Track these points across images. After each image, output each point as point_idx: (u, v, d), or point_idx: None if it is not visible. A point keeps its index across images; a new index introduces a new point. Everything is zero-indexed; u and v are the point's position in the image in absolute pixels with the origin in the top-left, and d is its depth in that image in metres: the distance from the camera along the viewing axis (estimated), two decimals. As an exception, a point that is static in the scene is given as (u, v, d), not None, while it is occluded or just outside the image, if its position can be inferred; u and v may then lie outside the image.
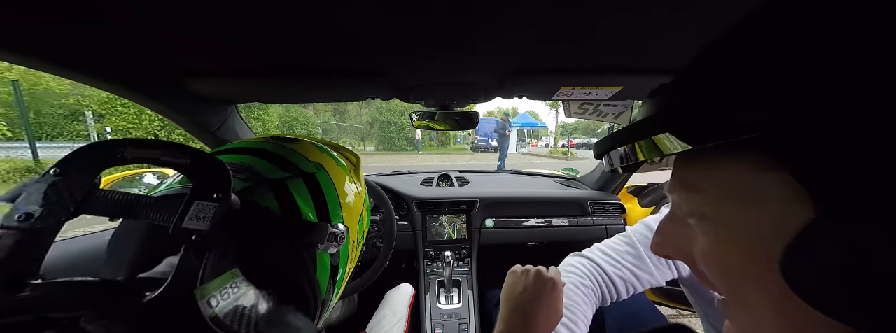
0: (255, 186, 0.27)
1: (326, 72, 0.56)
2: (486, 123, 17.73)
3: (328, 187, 0.31)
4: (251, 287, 0.22)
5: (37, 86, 8.17)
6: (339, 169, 0.35)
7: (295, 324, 0.24)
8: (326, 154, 0.35)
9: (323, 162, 0.33)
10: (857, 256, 0.13)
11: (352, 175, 0.37)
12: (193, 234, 0.20)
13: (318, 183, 0.31)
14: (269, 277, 0.24)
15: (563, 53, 0.49)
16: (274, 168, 0.29)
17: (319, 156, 0.34)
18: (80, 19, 0.36)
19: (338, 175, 0.34)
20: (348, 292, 0.79)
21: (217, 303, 0.20)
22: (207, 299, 0.20)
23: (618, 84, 0.64)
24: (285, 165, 0.30)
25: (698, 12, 0.35)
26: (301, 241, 0.27)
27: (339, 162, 0.36)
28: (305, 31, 0.40)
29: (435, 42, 0.43)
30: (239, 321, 0.20)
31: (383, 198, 0.89)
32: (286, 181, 0.29)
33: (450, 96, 0.76)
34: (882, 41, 0.12)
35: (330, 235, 0.28)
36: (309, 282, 0.27)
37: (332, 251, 0.30)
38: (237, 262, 0.22)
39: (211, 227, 0.21)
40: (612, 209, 1.29)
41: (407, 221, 1.20)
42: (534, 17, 0.37)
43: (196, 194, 0.21)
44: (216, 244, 0.21)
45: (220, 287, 0.20)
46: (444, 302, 1.08)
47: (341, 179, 0.34)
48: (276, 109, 10.43)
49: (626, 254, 0.56)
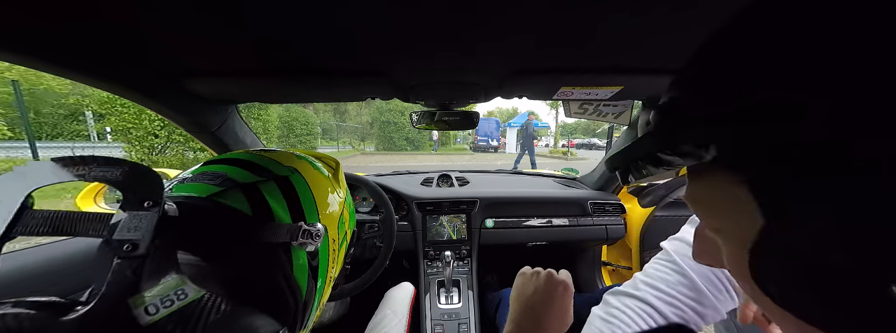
0: (226, 190, 0.27)
1: (326, 72, 0.56)
2: (486, 123, 17.75)
3: (303, 189, 0.32)
4: (205, 292, 0.22)
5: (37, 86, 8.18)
6: (316, 174, 0.35)
7: (254, 325, 0.24)
8: (303, 160, 0.36)
9: (299, 166, 0.34)
10: (799, 256, 0.14)
11: (331, 179, 0.38)
12: (126, 244, 0.20)
13: (292, 185, 0.31)
14: (238, 278, 0.25)
15: (564, 54, 0.49)
16: (247, 173, 0.30)
17: (296, 161, 0.35)
18: (80, 19, 0.36)
19: (314, 178, 0.35)
20: (348, 292, 0.79)
21: (156, 310, 0.20)
22: (144, 307, 0.20)
23: (618, 84, 0.64)
24: (259, 170, 0.31)
25: (698, 12, 0.36)
26: (272, 240, 0.27)
27: (317, 166, 0.37)
28: (304, 30, 0.40)
29: (435, 41, 0.43)
30: (184, 327, 0.20)
31: (383, 198, 0.89)
32: (259, 184, 0.29)
33: (450, 96, 0.76)
34: (807, 79, 0.13)
35: (304, 232, 0.28)
36: (285, 280, 0.28)
37: (309, 248, 0.30)
38: (197, 266, 0.22)
39: (143, 236, 0.21)
40: (612, 209, 1.29)
41: (407, 221, 1.20)
42: (534, 17, 0.37)
43: (126, 204, 0.22)
44: (153, 251, 0.21)
45: (162, 294, 0.20)
46: (444, 302, 1.08)
47: (318, 183, 0.35)
48: (276, 109, 10.43)
49: (681, 287, 0.42)
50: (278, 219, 0.28)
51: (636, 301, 0.43)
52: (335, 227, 0.36)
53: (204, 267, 0.23)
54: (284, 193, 0.30)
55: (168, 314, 0.20)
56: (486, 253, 1.24)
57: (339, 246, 0.37)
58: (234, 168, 0.30)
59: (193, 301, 0.21)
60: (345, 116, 23.46)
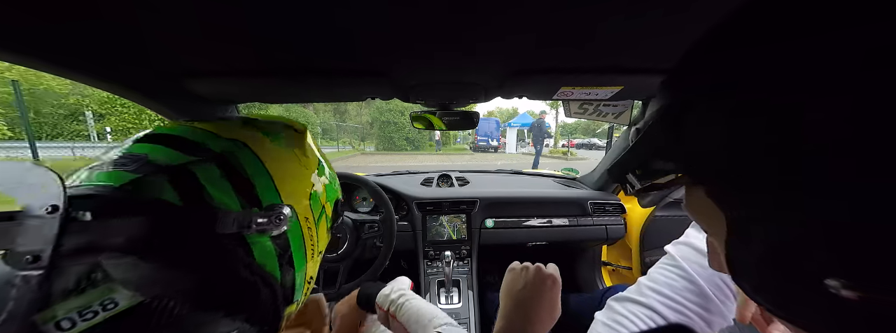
0: (145, 177, 0.23)
1: (326, 71, 0.56)
2: (485, 123, 17.74)
3: (253, 166, 0.27)
4: (145, 298, 0.20)
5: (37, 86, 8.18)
6: (270, 146, 0.30)
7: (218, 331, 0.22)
8: (252, 128, 0.31)
9: (246, 138, 0.29)
10: (753, 254, 0.16)
11: (295, 149, 0.33)
12: (25, 257, 0.18)
13: (237, 163, 0.26)
14: (185, 279, 0.22)
15: (563, 54, 0.49)
16: (176, 153, 0.25)
17: (240, 132, 0.29)
18: (80, 19, 0.36)
19: (269, 151, 0.29)
20: (346, 292, 0.79)
21: (72, 325, 0.18)
22: (56, 322, 0.18)
23: (618, 84, 0.64)
24: (191, 148, 0.26)
25: (692, 15, 0.36)
26: (219, 232, 0.24)
27: (273, 135, 0.31)
28: (305, 30, 0.40)
29: (435, 41, 0.43)
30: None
31: (383, 198, 0.89)
32: (191, 166, 0.24)
33: (450, 96, 0.76)
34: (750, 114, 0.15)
35: (260, 219, 0.25)
36: (250, 271, 0.25)
37: (274, 233, 0.26)
38: (136, 269, 0.20)
39: (44, 245, 0.18)
40: (612, 209, 1.29)
41: (407, 221, 1.20)
42: (534, 17, 0.37)
43: (23, 211, 0.19)
44: (61, 261, 0.19)
45: (82, 306, 0.18)
46: (444, 302, 1.08)
47: (274, 154, 0.30)
48: (276, 109, 10.43)
49: (687, 293, 0.41)
50: (222, 207, 0.24)
51: (641, 308, 0.42)
52: (306, 204, 0.31)
53: (145, 270, 0.20)
54: (227, 174, 0.25)
55: (88, 327, 0.18)
56: (486, 253, 1.24)
57: (315, 223, 0.33)
58: (159, 147, 0.25)
59: (127, 309, 0.19)
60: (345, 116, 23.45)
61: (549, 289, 0.50)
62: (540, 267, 0.53)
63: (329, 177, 0.37)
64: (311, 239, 0.32)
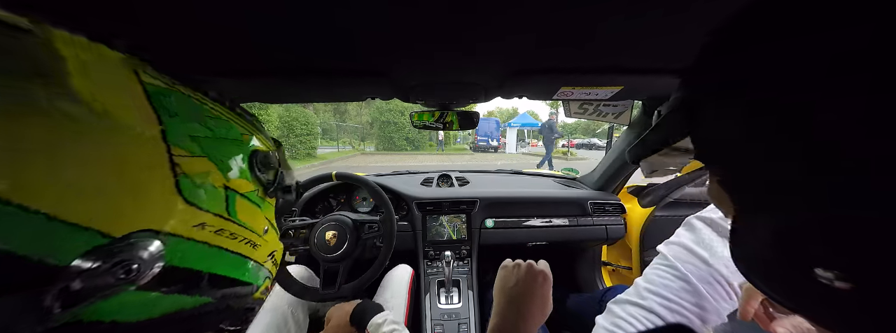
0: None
1: (326, 72, 0.56)
2: (485, 123, 17.73)
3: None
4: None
5: None
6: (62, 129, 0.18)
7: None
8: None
9: None
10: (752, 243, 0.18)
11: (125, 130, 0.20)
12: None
13: None
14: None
15: (563, 54, 0.49)
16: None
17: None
18: (80, 19, 0.36)
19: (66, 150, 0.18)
20: (347, 292, 0.79)
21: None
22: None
23: (618, 84, 0.64)
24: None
25: (692, 15, 0.36)
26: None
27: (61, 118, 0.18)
28: (305, 30, 0.40)
29: (435, 41, 0.43)
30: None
31: (383, 198, 0.89)
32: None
33: (450, 96, 0.76)
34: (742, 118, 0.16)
35: (74, 278, 0.17)
36: None
37: (130, 288, 0.18)
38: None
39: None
40: (612, 209, 1.29)
41: (407, 221, 1.20)
42: (534, 17, 0.37)
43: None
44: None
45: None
46: (444, 302, 1.08)
47: (75, 153, 0.18)
48: (276, 109, 10.42)
49: (683, 293, 0.43)
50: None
51: (641, 310, 0.43)
52: (186, 217, 0.21)
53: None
54: None
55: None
56: (487, 253, 1.24)
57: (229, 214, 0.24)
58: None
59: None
60: (345, 116, 23.46)
61: (541, 285, 0.51)
62: (531, 264, 0.54)
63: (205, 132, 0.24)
64: (232, 236, 0.25)
